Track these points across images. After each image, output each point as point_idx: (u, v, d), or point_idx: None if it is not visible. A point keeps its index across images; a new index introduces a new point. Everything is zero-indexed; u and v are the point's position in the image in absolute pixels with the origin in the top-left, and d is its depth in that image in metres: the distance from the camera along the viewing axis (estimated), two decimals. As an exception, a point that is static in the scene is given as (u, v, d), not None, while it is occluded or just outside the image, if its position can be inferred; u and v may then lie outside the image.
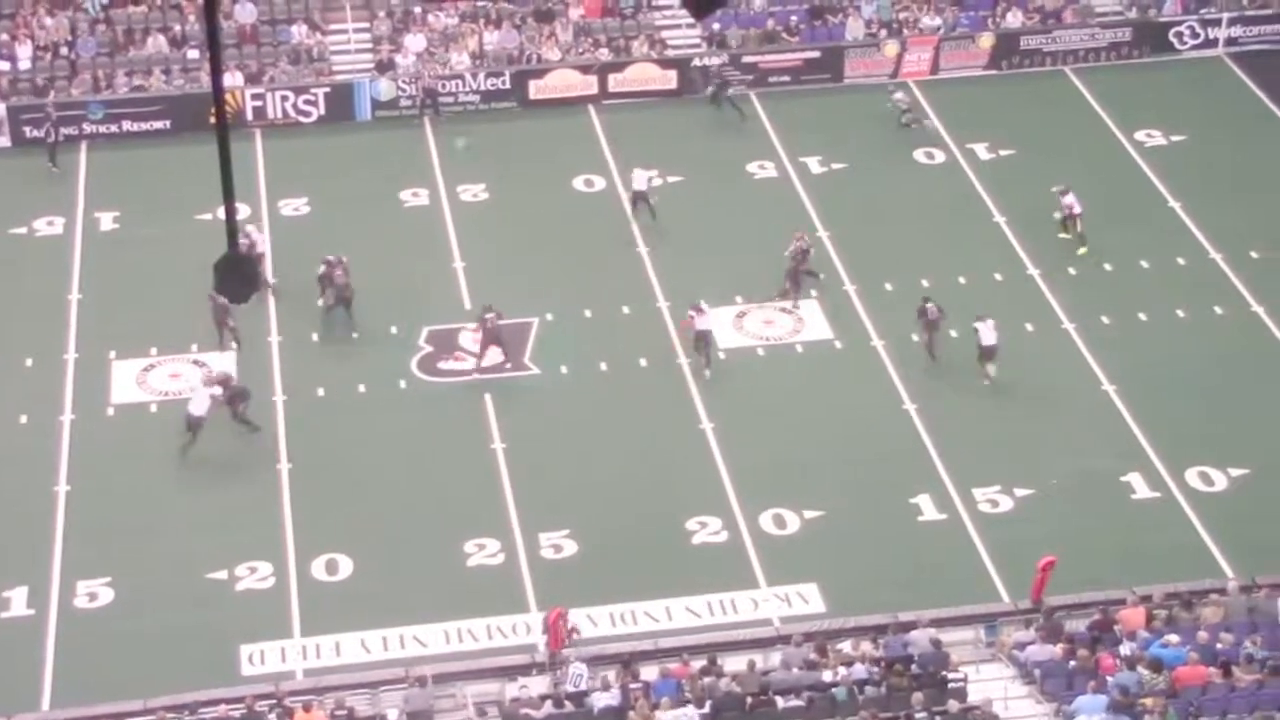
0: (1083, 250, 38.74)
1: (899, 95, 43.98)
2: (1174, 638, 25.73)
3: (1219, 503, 31.69)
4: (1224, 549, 30.50)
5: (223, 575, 30.25)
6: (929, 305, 35.28)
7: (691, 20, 45.63)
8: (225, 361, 35.17)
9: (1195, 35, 47.34)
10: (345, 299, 36.33)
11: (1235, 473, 32.38)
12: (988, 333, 34.64)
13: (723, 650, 26.86)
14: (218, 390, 33.30)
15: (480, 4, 46.26)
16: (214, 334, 35.52)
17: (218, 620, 29.27)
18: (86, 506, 31.83)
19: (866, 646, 26.72)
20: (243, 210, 39.20)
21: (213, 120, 10.85)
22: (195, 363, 35.42)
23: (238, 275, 11.10)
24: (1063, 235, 39.17)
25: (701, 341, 35.02)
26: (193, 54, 44.58)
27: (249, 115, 43.32)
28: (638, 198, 40.04)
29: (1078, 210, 38.96)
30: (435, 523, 31.40)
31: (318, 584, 30.15)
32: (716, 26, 46.06)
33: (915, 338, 35.68)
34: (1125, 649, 25.73)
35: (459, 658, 27.90)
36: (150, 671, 27.77)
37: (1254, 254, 38.60)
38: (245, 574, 30.31)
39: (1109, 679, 24.67)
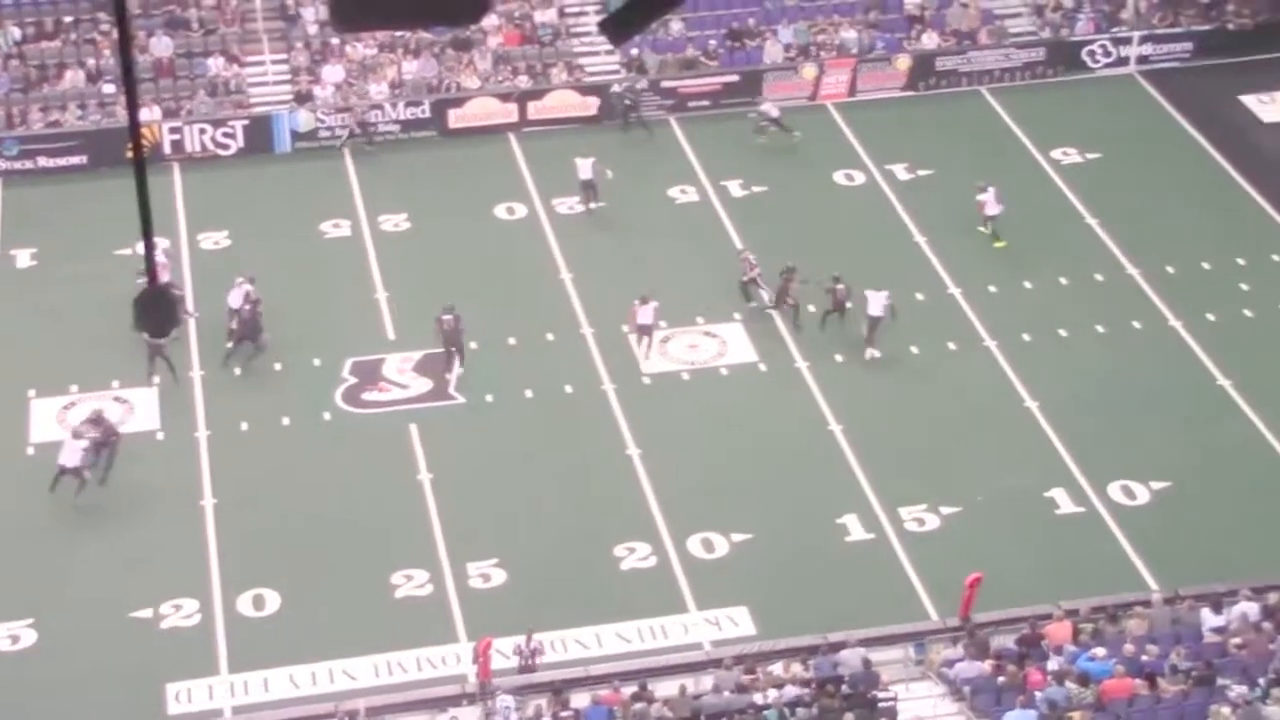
0: (999, 244, 39.56)
1: (765, 107, 44.09)
2: (1100, 651, 25.94)
3: (1141, 516, 32.01)
4: (1147, 562, 30.79)
5: (147, 614, 29.97)
6: (839, 286, 36.34)
7: (610, 46, 45.74)
8: (149, 397, 34.88)
9: (1107, 54, 47.91)
10: (252, 334, 35.90)
11: (1156, 486, 32.71)
12: (875, 303, 35.57)
13: (654, 676, 26.88)
14: (85, 442, 32.51)
15: (398, 34, 46.19)
16: (136, 370, 35.19)
17: (143, 659, 28.98)
18: (7, 547, 31.48)
19: (797, 668, 26.78)
20: (162, 244, 38.92)
21: (130, 154, 10.78)
22: (117, 399, 35.11)
23: (157, 310, 11.02)
24: (981, 229, 39.96)
25: (643, 334, 35.87)
26: (109, 88, 44.26)
27: (167, 149, 43.03)
28: (585, 186, 40.61)
29: (991, 212, 39.78)
30: (362, 555, 31.24)
31: (244, 620, 29.92)
32: (635, 52, 46.20)
33: (812, 308, 36.97)
34: (1052, 663, 25.92)
35: (389, 690, 27.76)
36: (75, 713, 27.52)
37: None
38: (170, 611, 30.04)
39: (1037, 694, 24.84)
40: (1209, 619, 27.09)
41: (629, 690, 26.11)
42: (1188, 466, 33.12)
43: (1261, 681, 24.77)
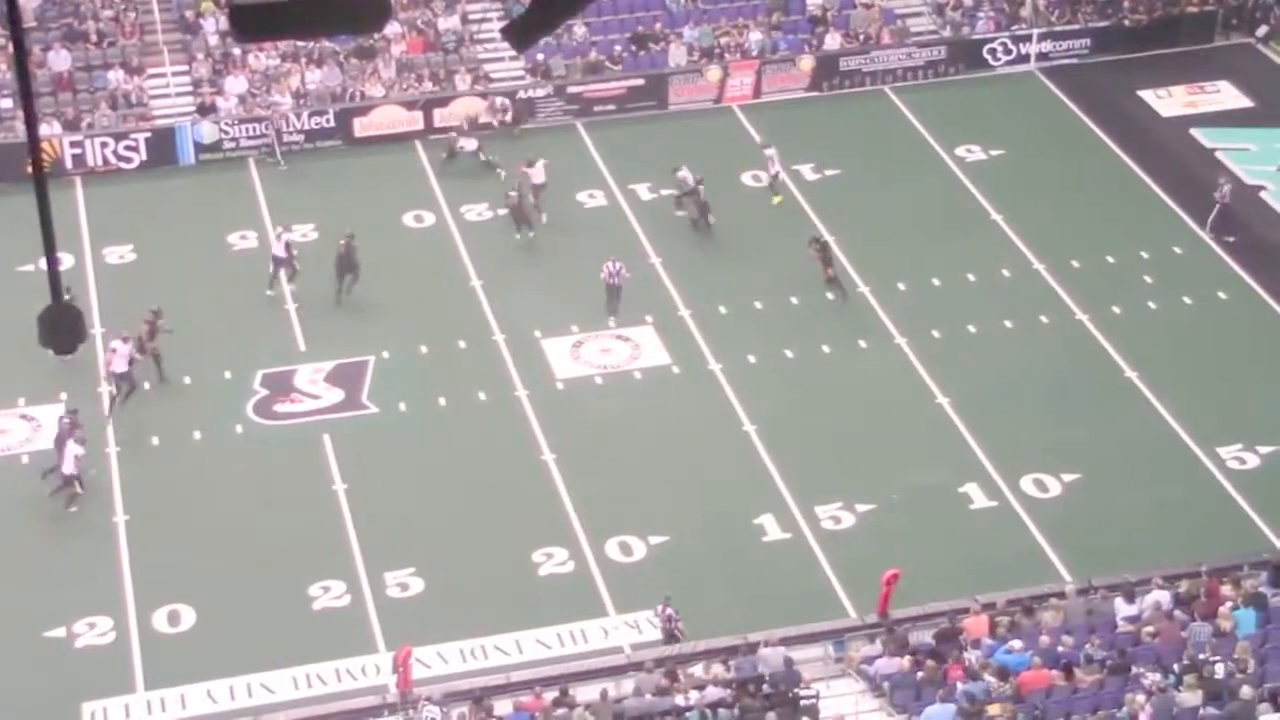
0: (777, 199, 41.51)
1: (681, 174, 41.70)
2: (1017, 643, 26.17)
3: (1054, 508, 32.33)
4: (1060, 554, 31.11)
5: (60, 633, 29.62)
6: (701, 185, 39.81)
7: (514, 52, 45.68)
8: (55, 415, 34.46)
9: (1008, 51, 48.38)
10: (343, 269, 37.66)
11: (1067, 478, 33.05)
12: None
13: (575, 680, 26.83)
14: (80, 449, 32.60)
15: (300, 44, 45.86)
16: (40, 388, 34.79)
17: (58, 679, 28.64)
18: (-84, 570, 31.03)
19: (718, 669, 26.82)
20: (66, 260, 38.50)
21: (30, 170, 10.67)
22: (23, 417, 34.67)
23: (62, 327, 10.89)
24: (761, 183, 42.09)
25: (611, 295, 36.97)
26: (5, 103, 43.67)
27: (68, 163, 42.50)
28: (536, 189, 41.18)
29: (774, 170, 41.66)
30: (278, 567, 31.02)
31: (160, 636, 29.64)
32: (540, 57, 46.17)
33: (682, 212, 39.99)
34: (970, 657, 26.13)
35: (309, 703, 27.59)
36: (-10, 736, 27.12)
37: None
38: (84, 630, 29.71)
39: (958, 686, 25.02)
40: (1122, 608, 27.40)
41: (550, 696, 26.07)
42: (1098, 458, 33.48)
43: (1175, 669, 25.07)
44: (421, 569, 30.88)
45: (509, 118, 44.54)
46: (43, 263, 9.71)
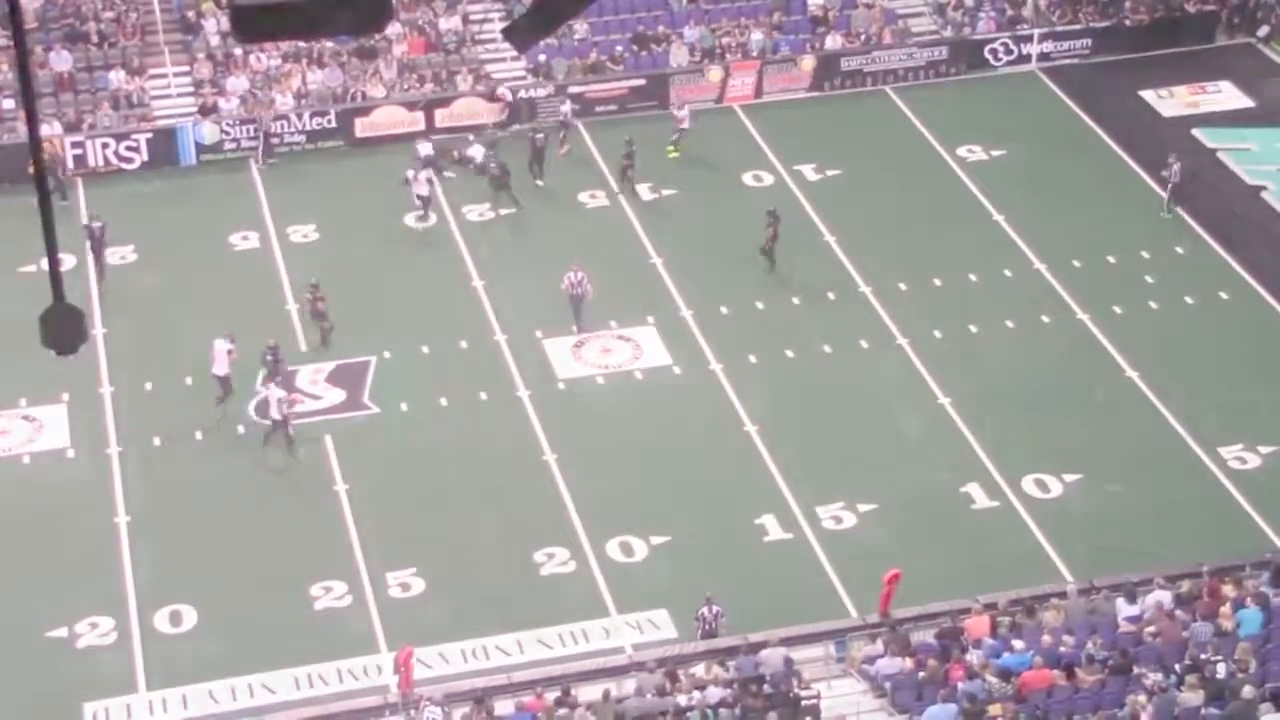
0: (673, 153, 43.34)
1: (471, 151, 43.03)
2: (1019, 643, 26.15)
3: (1055, 508, 32.32)
4: (1062, 553, 31.10)
5: (63, 633, 29.61)
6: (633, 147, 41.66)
7: (515, 53, 45.70)
8: (58, 415, 34.47)
9: (1009, 51, 48.39)
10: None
11: (1069, 478, 33.04)
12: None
13: (577, 681, 26.81)
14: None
15: (302, 44, 45.88)
16: (43, 389, 34.81)
17: (60, 680, 28.64)
18: (-83, 570, 31.03)
19: (719, 669, 26.81)
20: (67, 261, 38.49)
21: (31, 171, 10.67)
22: (25, 418, 34.68)
23: (65, 326, 10.90)
24: (673, 143, 43.54)
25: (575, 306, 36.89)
26: (7, 104, 43.68)
27: (70, 164, 42.50)
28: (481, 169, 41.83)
29: (683, 126, 43.64)
30: (280, 567, 31.02)
31: (162, 636, 29.64)
32: (542, 58, 46.17)
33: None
34: (972, 657, 26.11)
35: (310, 704, 27.56)
36: (-9, 735, 27.13)
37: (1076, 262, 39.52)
38: (86, 630, 29.70)
39: (959, 686, 25.01)
40: (1123, 608, 27.37)
41: (552, 696, 26.05)
42: (1098, 458, 33.47)
43: (1176, 668, 25.06)
44: (423, 569, 30.87)
45: (560, 137, 44.15)
46: (44, 263, 9.71)
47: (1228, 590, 27.37)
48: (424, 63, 46.33)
